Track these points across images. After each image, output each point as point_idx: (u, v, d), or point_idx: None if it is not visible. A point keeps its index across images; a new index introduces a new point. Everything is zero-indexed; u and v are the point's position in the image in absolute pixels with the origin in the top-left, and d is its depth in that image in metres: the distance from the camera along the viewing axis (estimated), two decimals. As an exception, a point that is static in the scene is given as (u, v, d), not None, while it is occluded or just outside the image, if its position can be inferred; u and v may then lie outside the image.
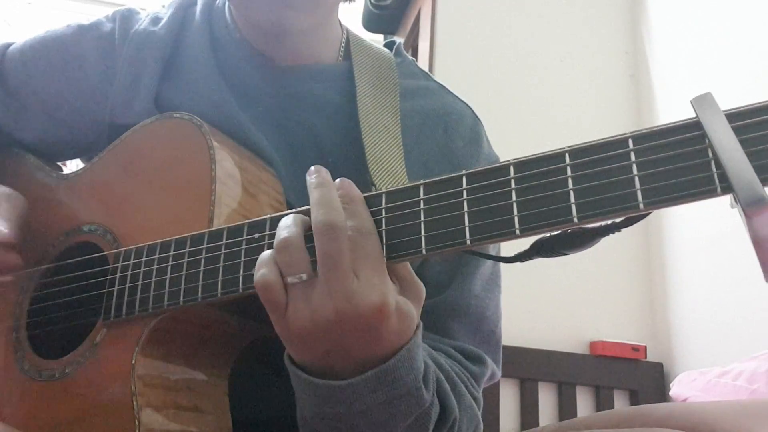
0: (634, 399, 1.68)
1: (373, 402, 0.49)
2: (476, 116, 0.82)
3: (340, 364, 0.49)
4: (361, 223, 0.47)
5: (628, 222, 0.43)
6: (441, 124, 0.77)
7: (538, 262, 0.49)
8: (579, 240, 0.46)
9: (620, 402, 1.69)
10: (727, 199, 0.39)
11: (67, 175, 0.74)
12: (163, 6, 0.81)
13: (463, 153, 0.76)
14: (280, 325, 0.48)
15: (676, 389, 1.34)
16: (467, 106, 0.82)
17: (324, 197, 0.48)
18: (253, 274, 0.52)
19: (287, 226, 0.48)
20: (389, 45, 0.86)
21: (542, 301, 1.72)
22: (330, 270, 0.45)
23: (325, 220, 0.46)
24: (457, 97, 0.82)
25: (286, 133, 0.73)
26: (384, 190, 0.49)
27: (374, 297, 0.45)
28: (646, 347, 1.71)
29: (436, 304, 0.69)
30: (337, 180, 0.50)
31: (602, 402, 1.68)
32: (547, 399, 1.68)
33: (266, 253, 0.48)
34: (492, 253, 0.73)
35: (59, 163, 0.82)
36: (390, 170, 0.68)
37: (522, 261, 0.50)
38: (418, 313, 0.50)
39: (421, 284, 0.51)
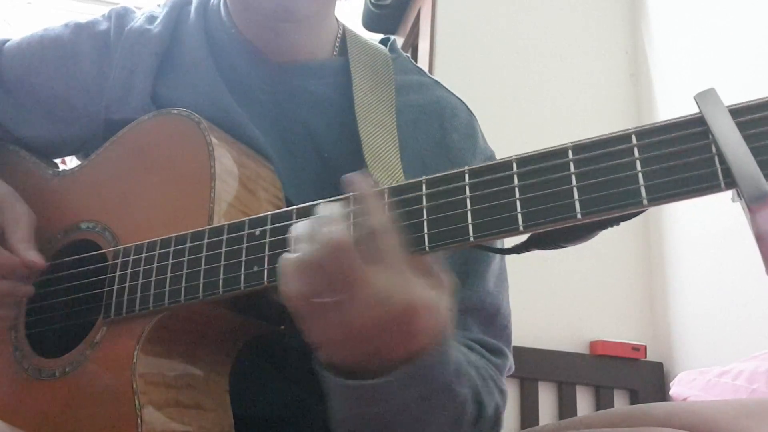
0: (634, 399, 1.68)
1: (409, 399, 0.48)
2: (470, 111, 0.82)
3: (374, 365, 0.48)
4: (378, 221, 0.46)
5: (627, 215, 0.43)
6: (436, 118, 0.78)
7: (538, 262, 0.50)
8: (577, 233, 0.46)
9: (620, 402, 1.69)
10: (728, 195, 0.39)
11: (65, 172, 0.74)
12: (159, 5, 0.81)
13: (459, 147, 0.77)
14: (311, 335, 0.48)
15: (676, 389, 1.34)
16: (461, 101, 0.82)
17: (310, 225, 0.47)
18: (254, 272, 0.52)
19: (300, 238, 0.47)
20: (383, 42, 0.86)
21: (542, 300, 1.72)
22: (348, 286, 0.44)
23: (321, 247, 0.45)
24: (451, 92, 0.83)
25: (282, 129, 0.73)
26: (387, 186, 0.49)
27: (401, 296, 0.44)
28: (646, 347, 1.71)
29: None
30: (348, 179, 0.49)
31: (602, 402, 1.67)
32: (547, 399, 1.67)
33: (289, 261, 0.47)
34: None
35: (57, 161, 0.82)
36: (386, 164, 0.68)
37: (519, 253, 0.50)
38: (449, 304, 0.49)
39: (448, 275, 0.50)
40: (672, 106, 1.81)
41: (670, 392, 1.37)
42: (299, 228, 0.48)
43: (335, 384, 0.49)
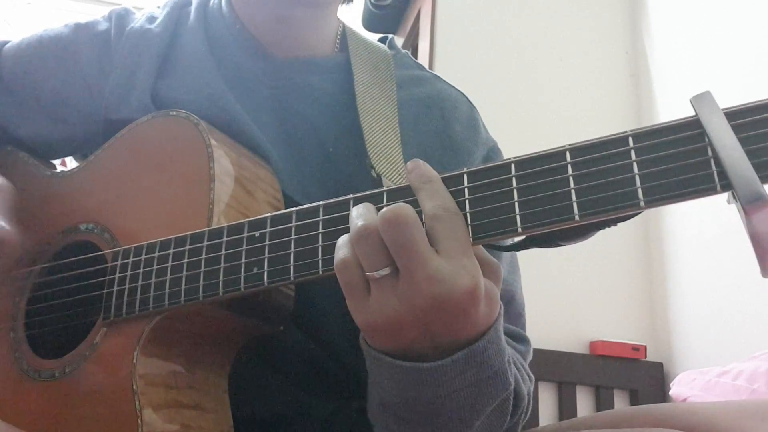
0: (634, 399, 1.68)
1: (461, 384, 0.47)
2: (471, 103, 0.83)
3: (423, 350, 0.47)
4: (445, 203, 0.45)
5: (624, 217, 0.43)
6: (438, 110, 0.78)
7: (539, 263, 0.50)
8: (574, 232, 0.46)
9: (620, 402, 1.69)
10: (725, 195, 0.40)
11: (63, 173, 0.74)
12: (158, 6, 0.82)
13: (461, 138, 0.77)
14: (361, 314, 0.46)
15: (676, 389, 1.34)
16: (461, 93, 0.83)
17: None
18: (253, 273, 0.52)
19: (361, 214, 0.46)
20: (382, 40, 0.87)
21: (542, 301, 1.72)
22: (408, 260, 0.43)
23: (389, 210, 0.44)
24: (451, 85, 0.84)
25: (285, 123, 0.73)
26: (384, 188, 0.50)
27: (467, 280, 0.43)
28: (646, 347, 1.71)
29: None
30: (409, 163, 0.48)
31: (602, 402, 1.67)
32: (547, 399, 1.67)
33: (346, 235, 0.47)
34: None
35: (57, 161, 0.82)
36: (389, 159, 0.68)
37: (517, 250, 0.50)
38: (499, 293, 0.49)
39: (498, 264, 0.49)
40: (672, 106, 1.81)
41: (670, 392, 1.37)
42: (362, 206, 0.47)
43: (385, 365, 0.48)
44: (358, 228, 0.45)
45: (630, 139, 0.41)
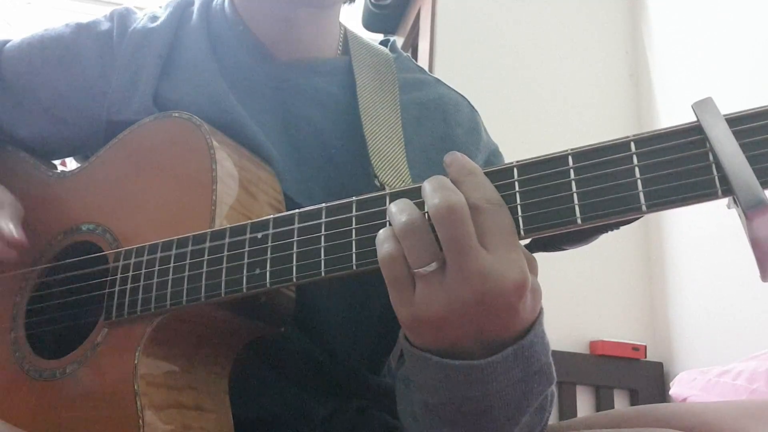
0: (634, 399, 1.68)
1: (510, 381, 0.46)
2: (472, 106, 0.84)
3: (469, 347, 0.46)
4: (489, 195, 0.44)
5: (626, 221, 0.43)
6: (439, 114, 0.79)
7: (538, 262, 0.49)
8: (578, 235, 0.46)
9: (620, 402, 1.69)
10: (725, 199, 0.40)
11: (65, 173, 0.74)
12: (160, 6, 0.81)
13: (463, 141, 0.78)
14: (405, 310, 0.45)
15: (676, 389, 1.34)
16: (463, 97, 0.84)
17: (438, 180, 0.45)
18: (256, 274, 0.52)
19: (403, 209, 0.45)
20: (383, 44, 0.87)
21: (542, 300, 1.72)
22: (459, 254, 0.42)
23: (443, 203, 0.43)
24: (452, 88, 0.84)
25: (287, 126, 0.73)
26: (387, 191, 0.50)
27: (515, 273, 0.42)
28: (646, 347, 1.71)
29: None
30: (446, 156, 0.47)
31: (602, 402, 1.68)
32: (546, 398, 1.68)
33: (387, 229, 0.45)
34: None
35: (58, 162, 0.82)
36: (392, 162, 0.68)
37: None
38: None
39: (533, 256, 0.48)
40: (672, 106, 1.81)
41: (670, 392, 1.37)
42: (400, 201, 0.46)
43: (437, 364, 0.46)
44: (404, 222, 0.44)
45: (632, 144, 0.42)
